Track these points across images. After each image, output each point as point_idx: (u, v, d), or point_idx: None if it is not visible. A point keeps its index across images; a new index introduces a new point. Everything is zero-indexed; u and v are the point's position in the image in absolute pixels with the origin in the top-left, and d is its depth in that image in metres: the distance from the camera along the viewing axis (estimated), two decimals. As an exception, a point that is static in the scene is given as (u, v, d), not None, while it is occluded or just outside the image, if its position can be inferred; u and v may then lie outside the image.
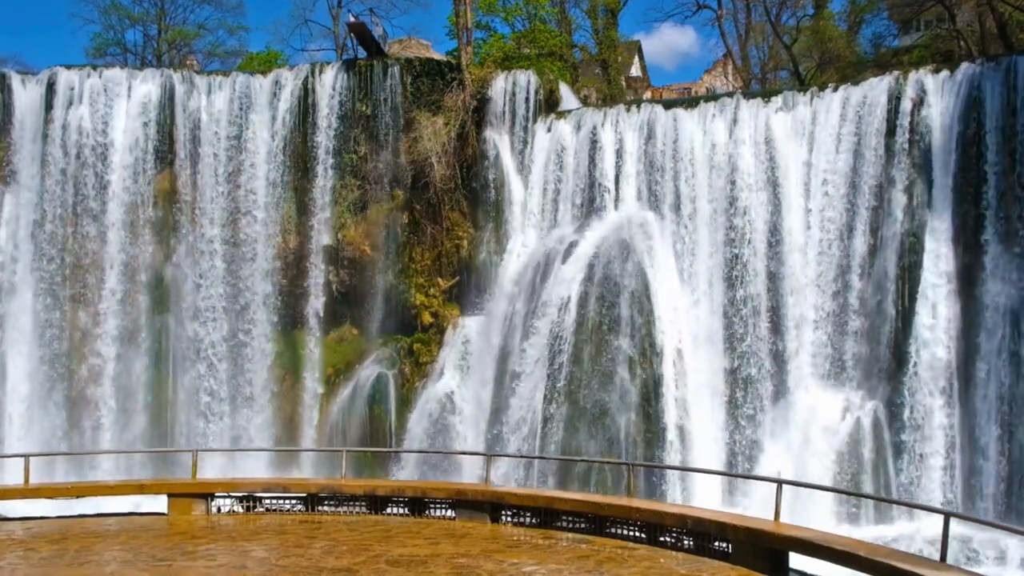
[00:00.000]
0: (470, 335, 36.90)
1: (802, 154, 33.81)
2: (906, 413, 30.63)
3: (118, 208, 38.01)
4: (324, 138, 39.06)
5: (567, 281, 34.04)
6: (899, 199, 32.07)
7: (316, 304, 38.78)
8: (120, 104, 38.68)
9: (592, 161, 36.18)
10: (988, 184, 30.69)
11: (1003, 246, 30.25)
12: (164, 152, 38.76)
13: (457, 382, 36.33)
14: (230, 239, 38.58)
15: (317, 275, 38.85)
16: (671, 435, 32.02)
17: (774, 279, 33.33)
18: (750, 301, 33.32)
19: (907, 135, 32.26)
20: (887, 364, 31.42)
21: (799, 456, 31.49)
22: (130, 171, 38.28)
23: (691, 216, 34.63)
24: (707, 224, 34.36)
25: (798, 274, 33.14)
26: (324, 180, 38.95)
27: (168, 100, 38.91)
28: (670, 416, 32.16)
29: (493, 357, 35.41)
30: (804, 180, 33.62)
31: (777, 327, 33.09)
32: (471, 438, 34.98)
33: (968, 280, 30.65)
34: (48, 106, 38.48)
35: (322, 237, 38.86)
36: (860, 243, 32.42)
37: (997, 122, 30.78)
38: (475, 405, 35.57)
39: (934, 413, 30.30)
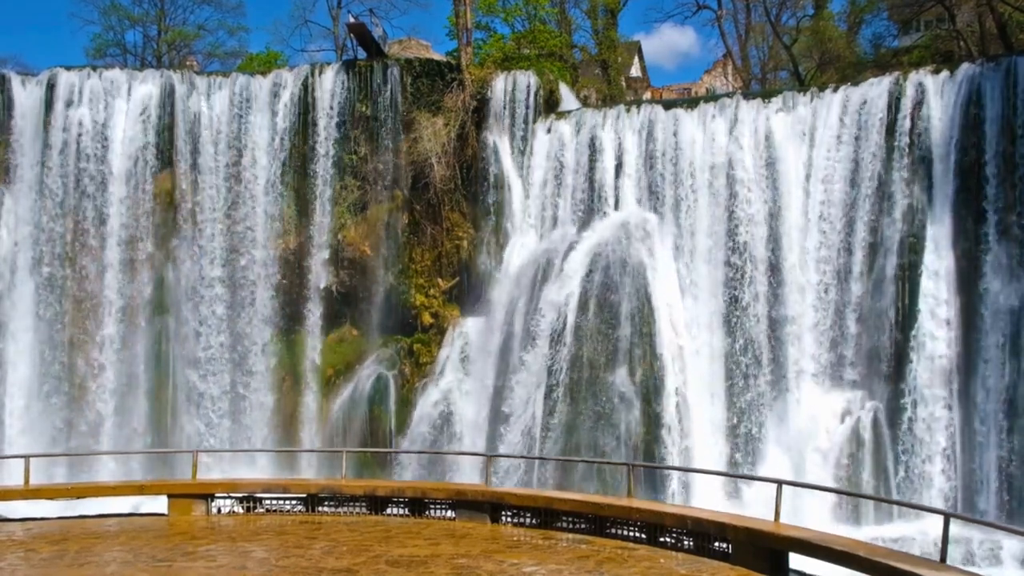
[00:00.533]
0: (470, 336, 36.91)
1: (802, 154, 33.83)
2: (906, 414, 30.63)
3: (118, 208, 38.01)
4: (324, 139, 39.08)
5: (567, 282, 34.05)
6: (899, 199, 32.08)
7: (316, 305, 38.79)
8: (120, 105, 38.68)
9: (592, 162, 36.20)
10: (988, 184, 30.71)
11: (1003, 246, 30.25)
12: (164, 153, 38.76)
13: (457, 382, 36.33)
14: (230, 239, 38.58)
15: (317, 276, 38.85)
16: (671, 435, 32.02)
17: (774, 279, 33.35)
18: (750, 301, 33.33)
19: (907, 135, 32.27)
20: (887, 365, 31.43)
21: (799, 456, 31.52)
22: (130, 172, 38.27)
23: (691, 217, 34.64)
24: (707, 224, 34.37)
25: (798, 274, 33.15)
26: (324, 181, 38.97)
27: (168, 101, 38.91)
28: (670, 416, 32.17)
29: (493, 358, 35.42)
30: (804, 180, 33.64)
31: (777, 327, 33.10)
32: (471, 438, 34.98)
33: (968, 280, 30.66)
34: (48, 107, 38.48)
35: (322, 238, 38.87)
36: (860, 243, 32.43)
37: (997, 122, 30.80)
38: (475, 405, 35.58)
39: (934, 414, 30.31)
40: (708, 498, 29.01)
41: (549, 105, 38.63)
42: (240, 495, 19.05)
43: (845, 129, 33.24)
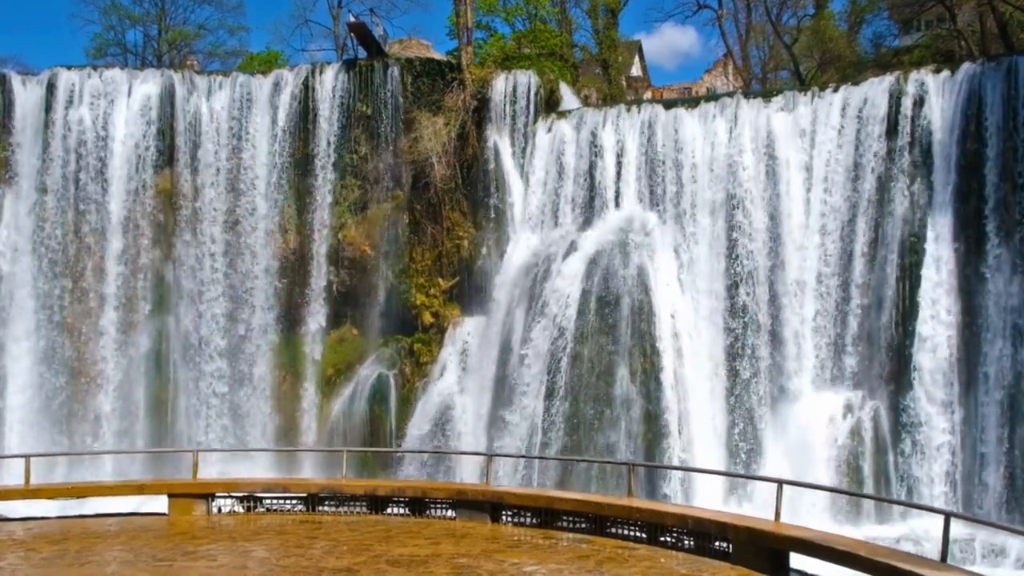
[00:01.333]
0: (471, 335, 36.90)
1: (803, 154, 33.80)
2: (907, 413, 30.60)
3: (118, 208, 37.99)
4: (324, 138, 39.07)
5: (567, 281, 34.03)
6: (900, 199, 32.06)
7: (316, 304, 38.78)
8: (120, 104, 38.67)
9: (592, 161, 36.18)
10: (989, 184, 30.68)
11: (1005, 246, 30.22)
12: (164, 152, 38.74)
13: (458, 382, 36.33)
14: (230, 239, 38.58)
15: (317, 275, 38.84)
16: (671, 434, 32.01)
17: (775, 279, 33.33)
18: (750, 301, 33.32)
19: (908, 135, 32.25)
20: (888, 364, 31.41)
21: (800, 456, 31.47)
22: (130, 171, 38.26)
23: (691, 216, 34.62)
24: (707, 224, 34.35)
25: (799, 274, 33.13)
26: (324, 180, 38.96)
27: (168, 100, 38.90)
28: (670, 416, 32.15)
29: (493, 357, 35.41)
30: (805, 180, 33.62)
31: (778, 327, 33.08)
32: (471, 438, 34.97)
33: (969, 280, 30.64)
34: (48, 107, 38.45)
35: (322, 237, 38.86)
36: (861, 243, 32.41)
37: (998, 122, 30.77)
38: (475, 405, 35.58)
39: (935, 413, 30.28)
40: (708, 498, 28.99)
41: (550, 105, 38.62)
42: (240, 495, 19.04)
43: (846, 129, 33.22)
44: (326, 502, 18.71)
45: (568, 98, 40.70)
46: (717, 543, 14.46)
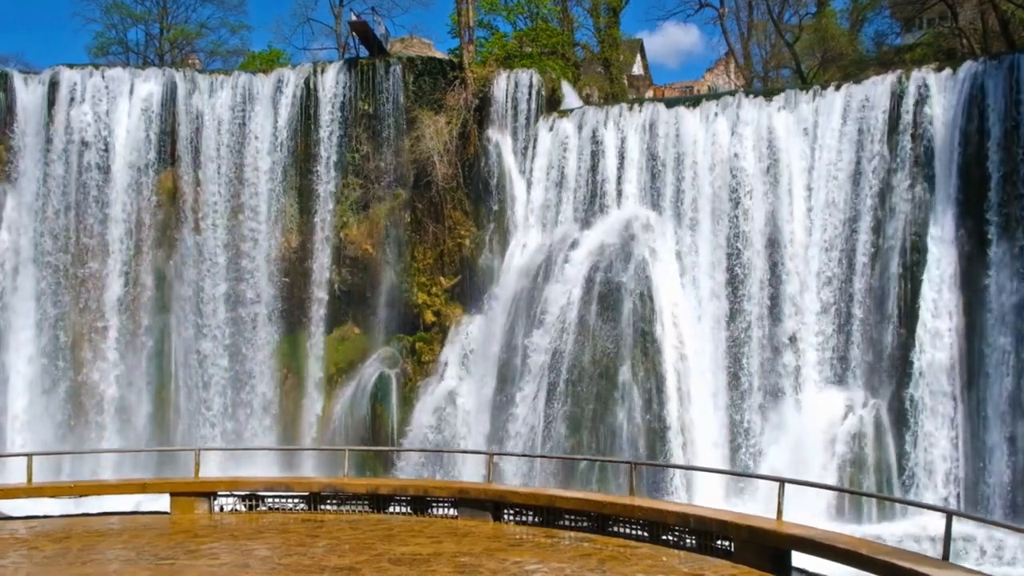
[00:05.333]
0: (472, 334, 36.91)
1: (804, 152, 33.80)
2: (909, 412, 30.61)
3: (120, 207, 38.02)
4: (326, 137, 39.08)
5: (569, 280, 34.04)
6: (902, 197, 32.04)
7: (318, 303, 38.79)
8: (122, 103, 38.69)
9: (594, 160, 36.18)
10: (991, 182, 30.67)
11: (1007, 244, 30.21)
12: (166, 151, 38.78)
13: (459, 381, 36.35)
14: (232, 238, 38.60)
15: (319, 274, 38.86)
16: (673, 433, 32.02)
17: (776, 278, 33.31)
18: (752, 300, 33.31)
19: (910, 134, 32.23)
20: (890, 363, 31.41)
21: (801, 455, 31.46)
22: (132, 170, 38.30)
23: (693, 215, 34.62)
24: (709, 223, 34.34)
25: (800, 273, 33.12)
26: (326, 179, 38.97)
27: (170, 99, 38.92)
28: (672, 414, 32.16)
29: (495, 356, 35.42)
30: (806, 178, 33.61)
31: (779, 326, 33.06)
32: (473, 437, 35.00)
33: (971, 278, 30.63)
34: (50, 105, 38.49)
35: (324, 236, 38.87)
36: (863, 242, 32.40)
37: (1000, 120, 30.76)
38: (477, 404, 35.59)
39: (937, 411, 30.29)
40: (710, 496, 29.02)
41: (551, 103, 38.63)
42: (242, 493, 19.03)
43: (847, 127, 33.20)
44: (328, 501, 18.71)
45: (570, 97, 40.70)
46: (719, 542, 14.45)
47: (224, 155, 38.92)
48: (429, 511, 18.02)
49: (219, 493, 18.98)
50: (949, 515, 12.05)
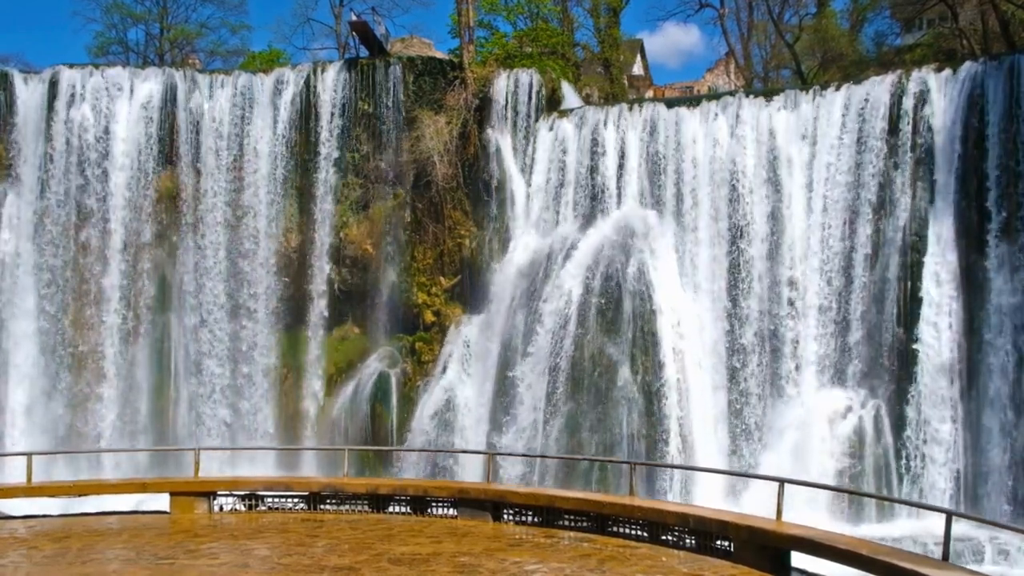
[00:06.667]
0: (472, 334, 36.91)
1: (804, 153, 33.80)
2: (909, 412, 30.61)
3: (120, 207, 38.03)
4: (326, 137, 39.08)
5: (569, 280, 34.04)
6: (902, 198, 32.05)
7: (318, 303, 38.79)
8: (122, 103, 38.69)
9: (594, 160, 36.17)
10: (991, 182, 30.68)
11: (1007, 244, 30.22)
12: (166, 151, 38.78)
13: (459, 381, 36.34)
14: (232, 238, 38.60)
15: (319, 274, 38.86)
16: (672, 433, 32.02)
17: (776, 278, 33.32)
18: (752, 299, 33.31)
19: (910, 134, 32.23)
20: (890, 363, 31.41)
21: (801, 455, 31.46)
22: (132, 170, 38.31)
23: (693, 215, 34.62)
24: (709, 223, 34.35)
25: (800, 273, 33.12)
26: (326, 179, 38.96)
27: (170, 99, 38.92)
28: (671, 414, 32.16)
29: (495, 356, 35.43)
30: (806, 179, 33.61)
31: (779, 326, 33.07)
32: (473, 437, 34.99)
33: (971, 278, 30.63)
34: (50, 105, 38.49)
35: (324, 236, 38.87)
36: (863, 242, 32.41)
37: (1000, 120, 30.75)
38: (477, 404, 35.59)
39: (937, 411, 30.28)
40: (710, 497, 29.00)
41: (551, 103, 38.62)
42: (242, 493, 19.04)
43: (847, 128, 33.21)
44: (328, 500, 18.71)
45: (570, 97, 40.69)
46: (718, 542, 14.45)
47: (224, 155, 38.92)
48: (429, 511, 18.02)
49: (219, 493, 18.98)
50: (949, 515, 12.04)
